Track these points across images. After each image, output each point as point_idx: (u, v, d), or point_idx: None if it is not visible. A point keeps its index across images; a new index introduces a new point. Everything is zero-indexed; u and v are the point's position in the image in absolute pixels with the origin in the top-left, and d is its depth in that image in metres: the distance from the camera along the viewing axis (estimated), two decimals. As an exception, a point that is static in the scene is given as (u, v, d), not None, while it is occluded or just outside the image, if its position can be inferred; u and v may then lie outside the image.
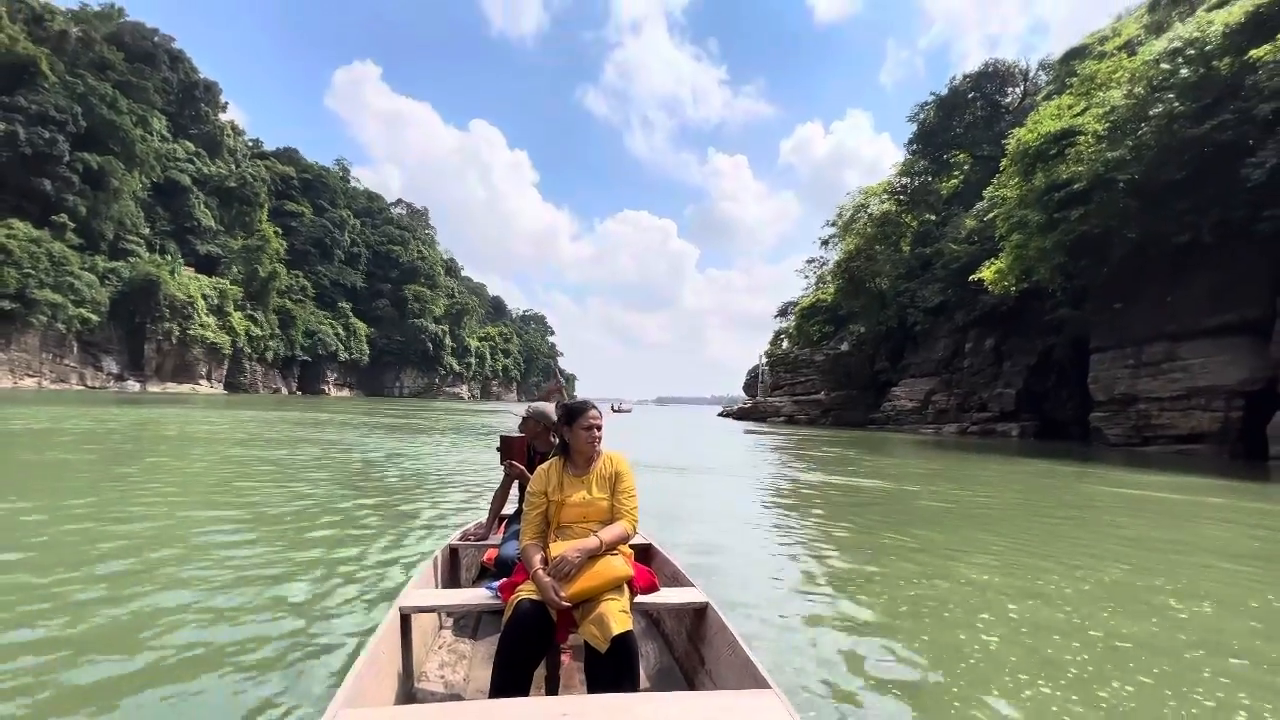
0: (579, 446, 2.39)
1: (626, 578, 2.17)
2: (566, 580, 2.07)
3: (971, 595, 4.24)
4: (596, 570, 2.11)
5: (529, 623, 2.01)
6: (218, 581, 3.94)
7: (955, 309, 33.76)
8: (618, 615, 1.97)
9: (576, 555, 2.10)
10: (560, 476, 2.38)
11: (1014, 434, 28.22)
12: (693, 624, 2.52)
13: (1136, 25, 31.69)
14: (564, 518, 2.32)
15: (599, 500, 2.34)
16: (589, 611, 2.02)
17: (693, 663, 2.48)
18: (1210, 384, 18.70)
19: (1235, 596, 4.44)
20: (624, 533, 2.29)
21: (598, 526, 2.29)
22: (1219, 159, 17.79)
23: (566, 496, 2.33)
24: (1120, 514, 8.34)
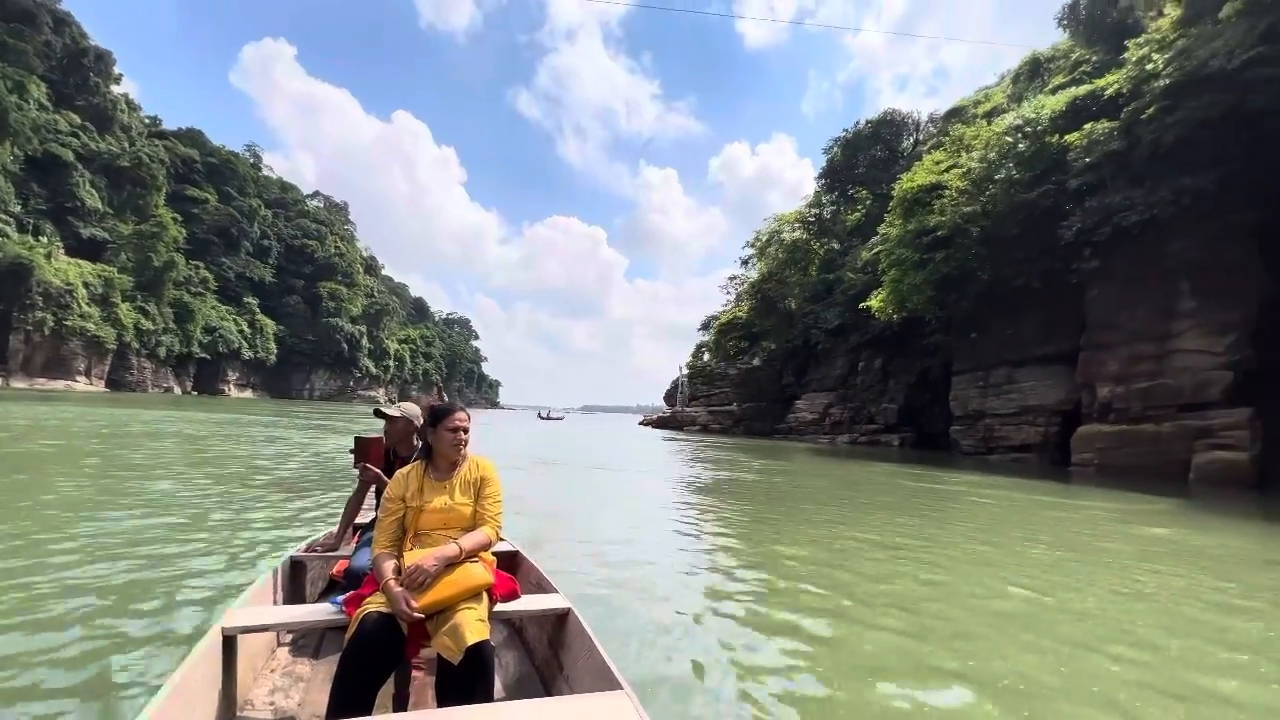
0: (443, 450, 2.33)
1: (486, 586, 2.12)
2: (420, 590, 1.98)
3: (828, 578, 5.71)
4: (454, 579, 2.04)
5: (374, 637, 1.90)
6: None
7: (851, 331, 37.53)
8: (474, 625, 1.91)
9: (433, 564, 2.03)
10: (421, 481, 2.30)
11: (895, 444, 31.92)
12: (554, 630, 2.50)
13: (1002, 95, 36.97)
14: (423, 524, 2.24)
15: (461, 506, 2.28)
16: (443, 622, 1.95)
17: (552, 669, 2.45)
18: (1037, 403, 22.58)
19: (1013, 561, 6.57)
20: (486, 539, 2.24)
21: (459, 534, 2.23)
22: (1044, 220, 21.68)
23: (426, 502, 2.25)
24: (932, 503, 10.73)
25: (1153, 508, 11.06)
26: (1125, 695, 3.05)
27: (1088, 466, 19.14)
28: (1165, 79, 18.39)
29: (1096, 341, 20.02)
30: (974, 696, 2.96)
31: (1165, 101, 18.07)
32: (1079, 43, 30.98)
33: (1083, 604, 4.69)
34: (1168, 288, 18.32)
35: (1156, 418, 17.87)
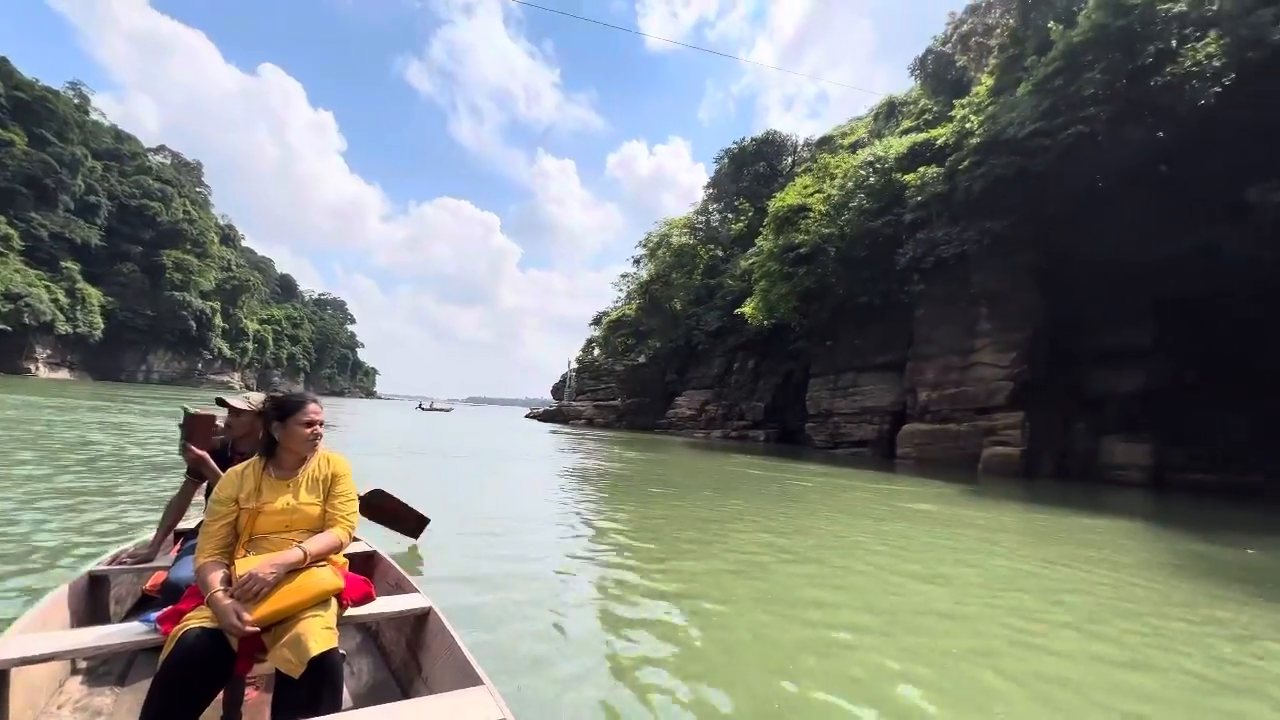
0: (293, 445, 2.19)
1: (334, 591, 2.01)
2: (256, 600, 1.83)
3: (680, 555, 6.93)
4: (297, 585, 1.92)
5: (195, 656, 1.73)
6: None
7: (729, 334, 40.36)
8: (319, 634, 1.81)
9: (270, 571, 1.88)
10: (259, 480, 2.13)
11: (761, 438, 34.93)
12: (413, 631, 2.43)
13: (864, 130, 41.52)
14: (260, 527, 2.07)
15: (308, 506, 2.15)
16: (283, 634, 1.82)
17: (410, 672, 2.38)
18: (874, 405, 26.04)
19: (836, 530, 7.97)
20: (336, 541, 2.11)
21: (303, 536, 2.09)
22: (886, 246, 25.04)
23: (265, 503, 2.09)
24: (759, 487, 12.41)
25: (937, 491, 13.62)
26: (879, 599, 4.32)
27: (909, 459, 22.53)
28: (977, 138, 22.10)
29: (920, 353, 23.56)
30: (787, 608, 4.06)
31: (976, 157, 21.72)
32: (926, 92, 35.74)
33: (860, 556, 6.14)
34: (972, 311, 22.05)
35: (959, 419, 21.51)
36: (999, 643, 4.01)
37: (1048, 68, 20.33)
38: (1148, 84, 19.01)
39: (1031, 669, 3.55)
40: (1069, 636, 4.21)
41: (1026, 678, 3.41)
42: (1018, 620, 4.47)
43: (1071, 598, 5.21)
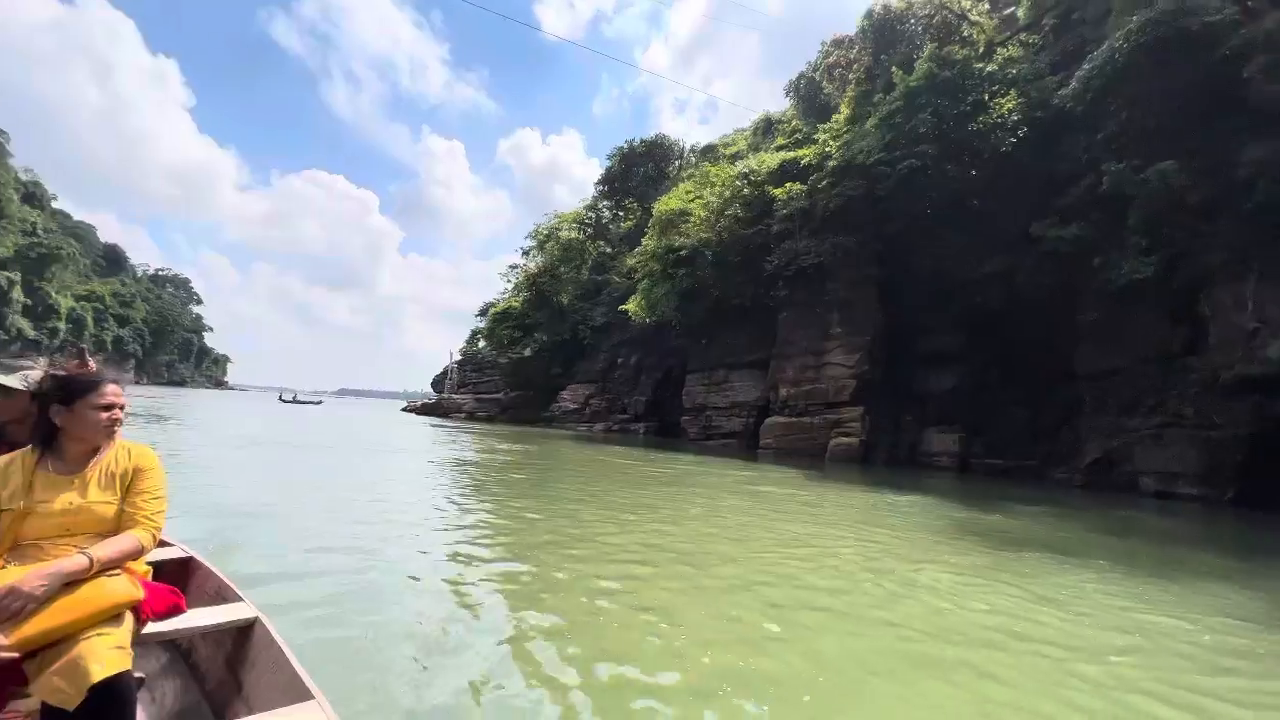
0: (83, 433, 1.92)
1: (129, 604, 1.75)
2: (17, 620, 1.55)
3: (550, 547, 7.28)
4: (78, 599, 1.64)
5: None
6: None
7: (614, 329, 41.27)
8: (104, 655, 1.55)
9: (40, 584, 1.60)
10: (30, 475, 1.85)
11: (641, 431, 36.20)
12: (235, 646, 2.22)
13: (744, 142, 44.28)
14: (30, 532, 1.80)
15: (100, 506, 1.88)
16: (54, 658, 1.55)
17: (228, 692, 2.17)
18: (743, 399, 28.12)
19: (706, 510, 8.63)
20: (135, 545, 1.85)
21: (91, 541, 1.82)
22: (757, 253, 27.11)
23: (39, 503, 1.82)
24: (626, 475, 13.20)
25: (782, 475, 15.24)
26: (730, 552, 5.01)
27: (769, 449, 24.66)
28: (835, 161, 24.65)
29: (782, 353, 25.83)
30: (654, 570, 4.57)
31: (833, 178, 24.23)
32: (798, 113, 38.87)
33: (683, 524, 6.93)
34: (826, 316, 24.59)
35: (812, 412, 23.93)
36: (762, 578, 4.92)
37: (891, 105, 23.17)
38: (965, 129, 22.35)
39: (783, 596, 4.44)
40: (816, 575, 5.22)
41: (773, 603, 4.28)
42: (786, 567, 5.44)
43: (845, 550, 6.36)
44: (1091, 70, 18.75)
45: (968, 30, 25.97)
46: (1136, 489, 15.98)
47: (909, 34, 27.29)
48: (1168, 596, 5.61)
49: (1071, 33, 23.29)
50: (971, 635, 4.10)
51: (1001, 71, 22.45)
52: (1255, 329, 14.32)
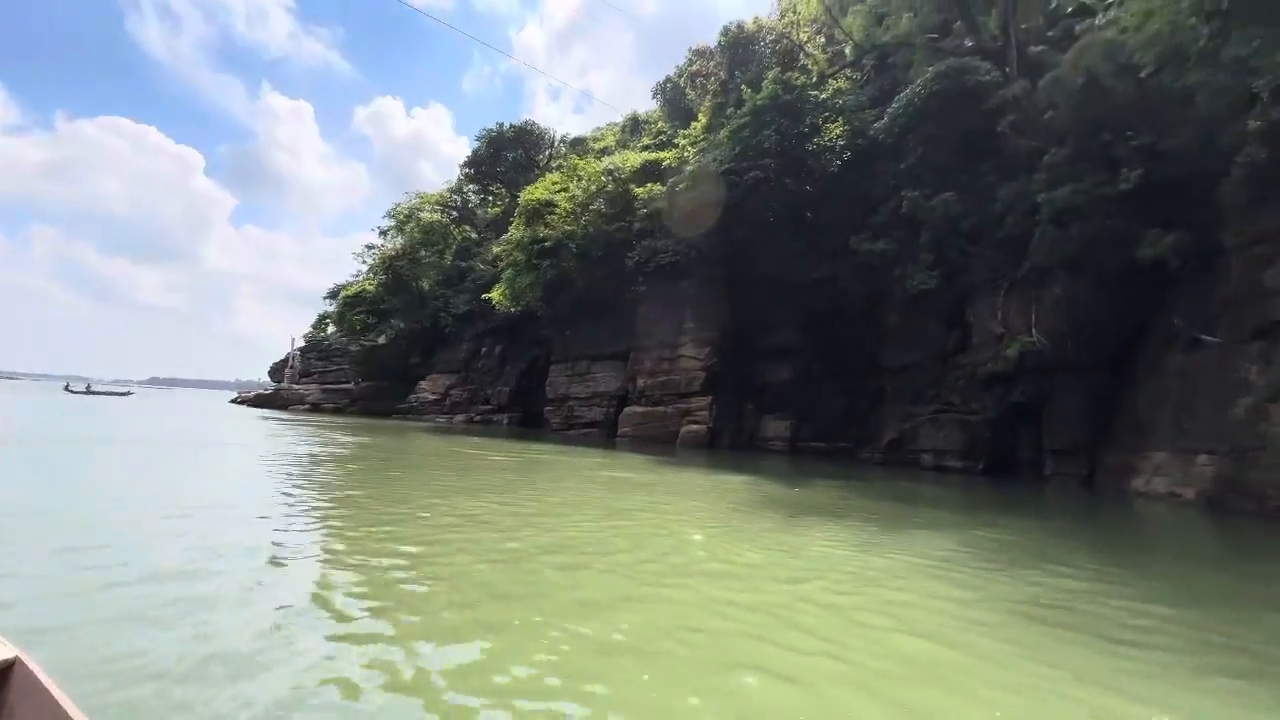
0: None
1: None
2: None
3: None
4: None
5: None
6: None
7: (478, 318, 40.18)
8: None
9: None
10: None
11: (504, 422, 35.81)
12: None
13: (614, 138, 45.19)
14: None
15: None
16: None
17: None
18: (604, 390, 29.04)
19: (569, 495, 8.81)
20: None
21: None
22: (619, 249, 28.03)
23: None
24: (467, 464, 13.31)
25: (626, 460, 16.24)
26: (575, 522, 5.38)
27: (626, 437, 25.80)
28: (691, 166, 26.23)
29: (640, 345, 27.08)
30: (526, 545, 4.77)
31: (689, 183, 25.79)
32: (663, 115, 40.51)
33: (506, 500, 7.33)
34: (680, 312, 26.18)
35: (667, 402, 25.44)
36: (559, 543, 5.53)
37: (740, 120, 25.17)
38: (803, 148, 24.96)
39: (572, 558, 5.08)
40: (612, 537, 5.97)
41: (564, 565, 4.90)
42: (589, 534, 6.13)
43: (646, 517, 7.21)
44: (897, 109, 21.96)
45: (804, 60, 28.91)
46: (919, 464, 19.26)
47: (759, 55, 29.74)
48: (885, 541, 7.13)
49: (886, 74, 26.93)
50: (705, 570, 5.09)
51: (832, 100, 25.40)
52: (1001, 334, 17.91)
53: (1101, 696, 3.27)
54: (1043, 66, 18.69)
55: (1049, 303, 16.86)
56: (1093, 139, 16.18)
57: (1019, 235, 18.02)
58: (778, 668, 3.40)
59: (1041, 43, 20.65)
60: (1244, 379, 11.93)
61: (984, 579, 5.64)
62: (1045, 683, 3.40)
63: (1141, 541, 9.12)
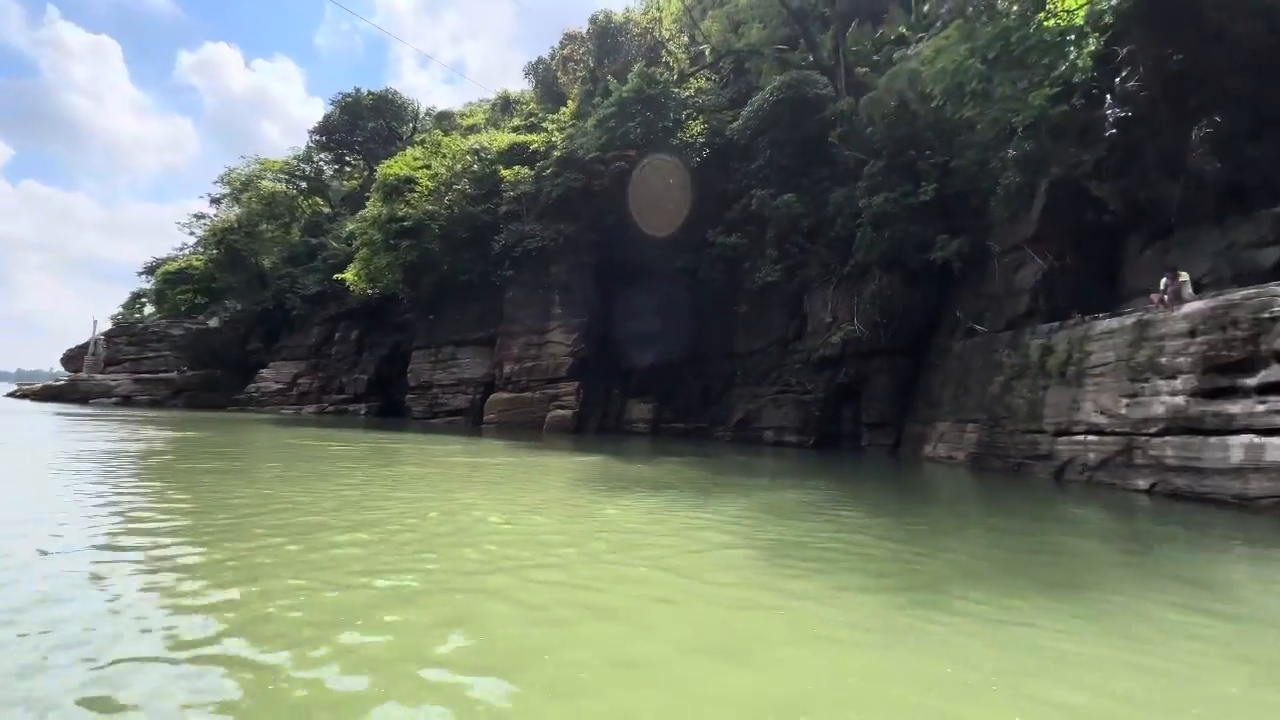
0: None
1: None
2: None
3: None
4: None
5: None
6: None
7: (330, 300, 37.01)
8: None
9: None
10: None
11: (362, 413, 33.56)
12: None
13: (483, 115, 43.55)
14: None
15: None
16: None
17: None
18: (470, 376, 28.32)
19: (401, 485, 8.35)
20: None
21: None
22: (485, 231, 27.35)
23: None
24: (298, 455, 12.58)
25: (488, 446, 16.20)
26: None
27: (493, 424, 25.46)
28: (559, 152, 26.23)
29: (507, 331, 26.75)
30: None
31: (556, 168, 25.79)
32: (537, 96, 39.79)
33: (353, 486, 7.15)
34: (548, 297, 26.23)
35: (534, 388, 25.46)
36: (368, 520, 5.66)
37: (607, 110, 25.61)
38: (667, 142, 25.97)
39: (374, 532, 5.23)
40: (415, 519, 6.19)
41: (362, 540, 5.05)
42: (400, 513, 6.28)
43: (463, 497, 7.46)
44: (749, 113, 23.66)
45: (667, 57, 30.01)
46: (762, 440, 21.23)
47: (625, 47, 30.31)
48: (688, 505, 7.99)
49: (743, 79, 28.79)
50: (496, 534, 5.49)
51: (693, 99, 26.69)
52: (831, 322, 20.21)
53: (774, 598, 4.13)
54: (866, 87, 21.15)
55: (867, 296, 19.31)
56: (901, 155, 18.72)
57: (846, 235, 20.37)
58: (522, 597, 4.01)
59: (867, 65, 23.29)
60: (1000, 361, 14.67)
61: (754, 529, 6.55)
62: (745, 593, 4.19)
63: (901, 495, 10.91)
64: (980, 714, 2.73)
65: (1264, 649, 3.68)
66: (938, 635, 3.65)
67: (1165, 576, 5.33)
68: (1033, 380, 13.22)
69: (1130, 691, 2.98)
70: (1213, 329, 9.71)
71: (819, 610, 4.05)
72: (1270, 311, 9.08)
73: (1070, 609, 4.23)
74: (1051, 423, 12.40)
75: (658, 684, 2.93)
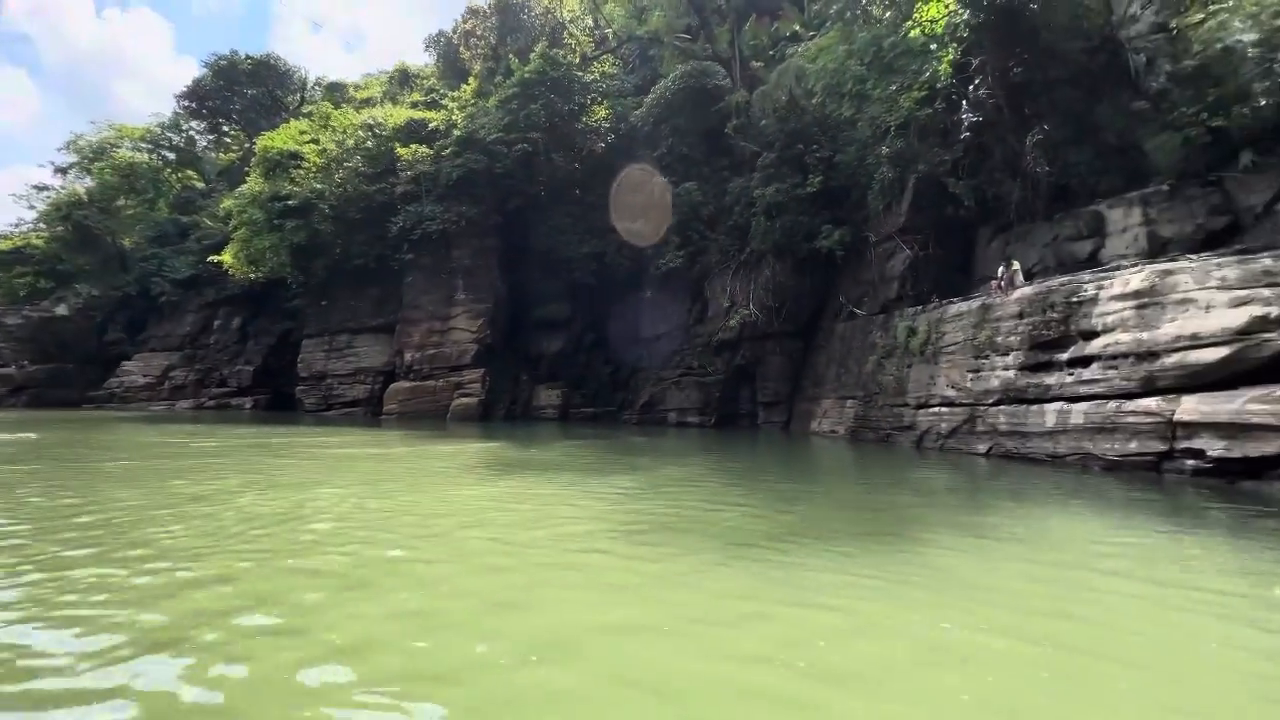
0: None
1: None
2: None
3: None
4: None
5: None
6: None
7: (207, 285, 33.78)
8: None
9: None
10: None
11: (248, 406, 31.08)
12: None
13: (380, 88, 40.98)
14: None
15: None
16: None
17: None
18: (368, 365, 26.99)
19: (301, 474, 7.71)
20: None
21: None
22: (381, 212, 25.96)
23: None
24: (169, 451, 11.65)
25: (380, 437, 15.64)
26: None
27: (394, 414, 24.46)
28: (459, 131, 25.30)
29: (407, 317, 25.70)
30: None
31: (456, 148, 24.88)
32: (438, 70, 37.94)
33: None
34: (451, 283, 25.43)
35: (436, 376, 24.69)
36: (214, 502, 5.48)
37: (509, 90, 24.97)
38: (572, 126, 25.77)
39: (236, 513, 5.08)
40: (271, 504, 6.06)
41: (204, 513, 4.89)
42: (253, 501, 6.11)
43: (330, 488, 7.33)
44: (652, 100, 23.95)
45: (569, 39, 29.66)
46: (667, 421, 21.90)
47: (528, 25, 29.60)
48: (564, 484, 8.25)
49: (648, 65, 29.04)
50: (329, 514, 5.50)
51: (598, 83, 26.59)
52: (729, 307, 21.09)
53: (584, 558, 4.46)
54: (761, 81, 22.03)
55: (762, 281, 20.32)
56: (791, 148, 19.73)
57: (743, 224, 21.25)
58: (340, 570, 4.14)
59: (763, 60, 24.24)
60: (874, 342, 16.02)
61: (612, 504, 6.85)
62: (560, 556, 4.50)
63: (774, 467, 11.67)
64: (708, 630, 3.22)
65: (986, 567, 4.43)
66: (722, 576, 4.18)
67: (950, 525, 6.19)
68: (900, 359, 14.58)
69: (873, 611, 3.52)
70: (1036, 311, 11.17)
71: (624, 564, 4.46)
72: (1078, 296, 10.58)
73: (856, 550, 4.87)
74: (914, 397, 13.76)
75: (437, 628, 3.23)
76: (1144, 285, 9.60)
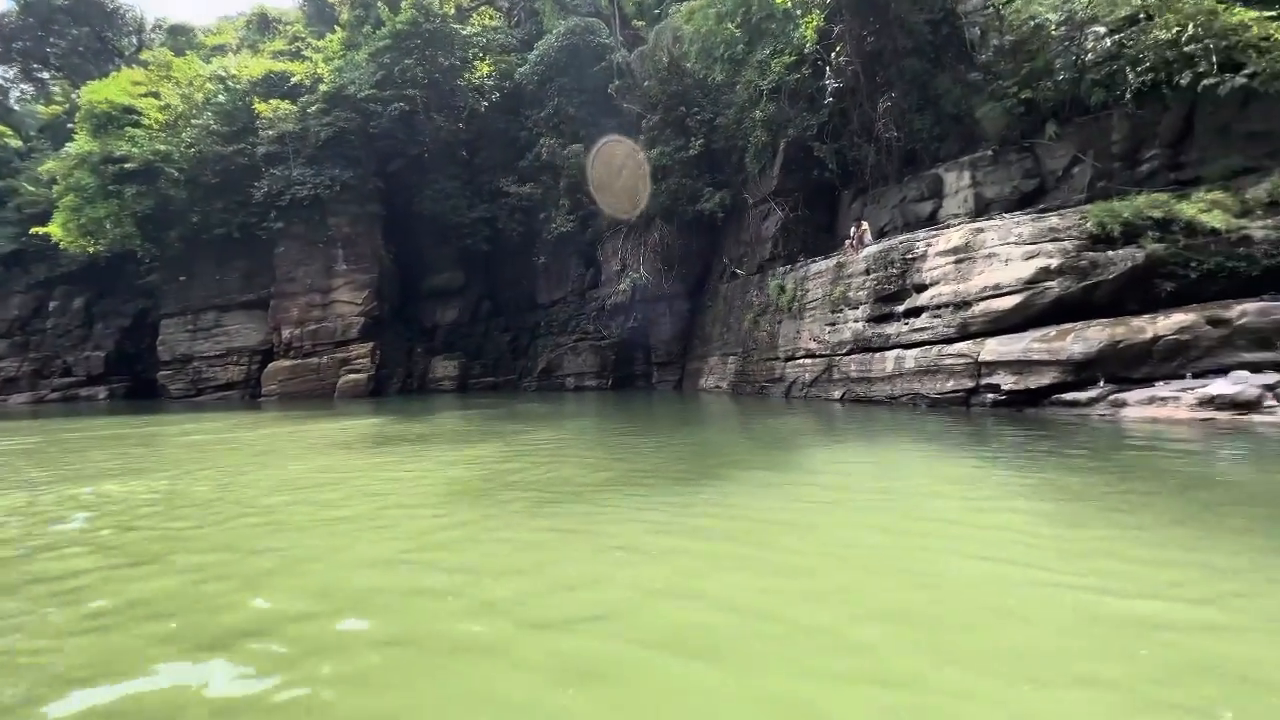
0: None
1: None
2: None
3: None
4: None
5: None
6: None
7: (36, 261, 29.48)
8: None
9: None
10: None
11: (102, 397, 27.93)
12: None
13: (234, 35, 36.60)
14: None
15: None
16: None
17: None
18: (241, 345, 24.96)
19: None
20: None
21: None
22: (242, 176, 23.60)
23: None
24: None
25: (251, 419, 14.76)
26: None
27: (273, 396, 22.96)
28: (326, 86, 23.31)
29: (282, 291, 23.90)
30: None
31: (324, 105, 22.95)
32: (305, 16, 34.39)
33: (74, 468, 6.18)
34: (330, 252, 23.83)
35: (320, 352, 23.32)
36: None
37: (380, 42, 23.21)
38: (453, 82, 24.46)
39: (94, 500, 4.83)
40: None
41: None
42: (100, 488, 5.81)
43: (198, 478, 7.05)
44: (536, 58, 23.17)
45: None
46: (565, 386, 22.14)
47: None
48: (427, 456, 8.36)
49: (533, 20, 27.91)
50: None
51: (478, 37, 25.27)
52: (621, 270, 21.36)
53: (407, 516, 4.73)
54: (642, 40, 21.90)
55: (651, 245, 20.69)
56: (674, 110, 19.91)
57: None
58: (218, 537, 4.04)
59: (646, 18, 24.02)
60: (751, 301, 16.91)
61: (470, 468, 7.03)
62: (382, 512, 4.72)
63: (648, 423, 12.34)
64: (474, 577, 3.50)
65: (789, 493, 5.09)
66: (516, 525, 4.52)
67: (761, 464, 6.93)
68: (772, 315, 15.54)
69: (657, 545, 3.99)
70: (879, 267, 12.27)
71: (445, 514, 4.81)
72: (913, 253, 11.73)
73: (673, 491, 5.40)
74: (783, 350, 14.79)
75: (232, 587, 3.35)
76: (961, 242, 10.82)
